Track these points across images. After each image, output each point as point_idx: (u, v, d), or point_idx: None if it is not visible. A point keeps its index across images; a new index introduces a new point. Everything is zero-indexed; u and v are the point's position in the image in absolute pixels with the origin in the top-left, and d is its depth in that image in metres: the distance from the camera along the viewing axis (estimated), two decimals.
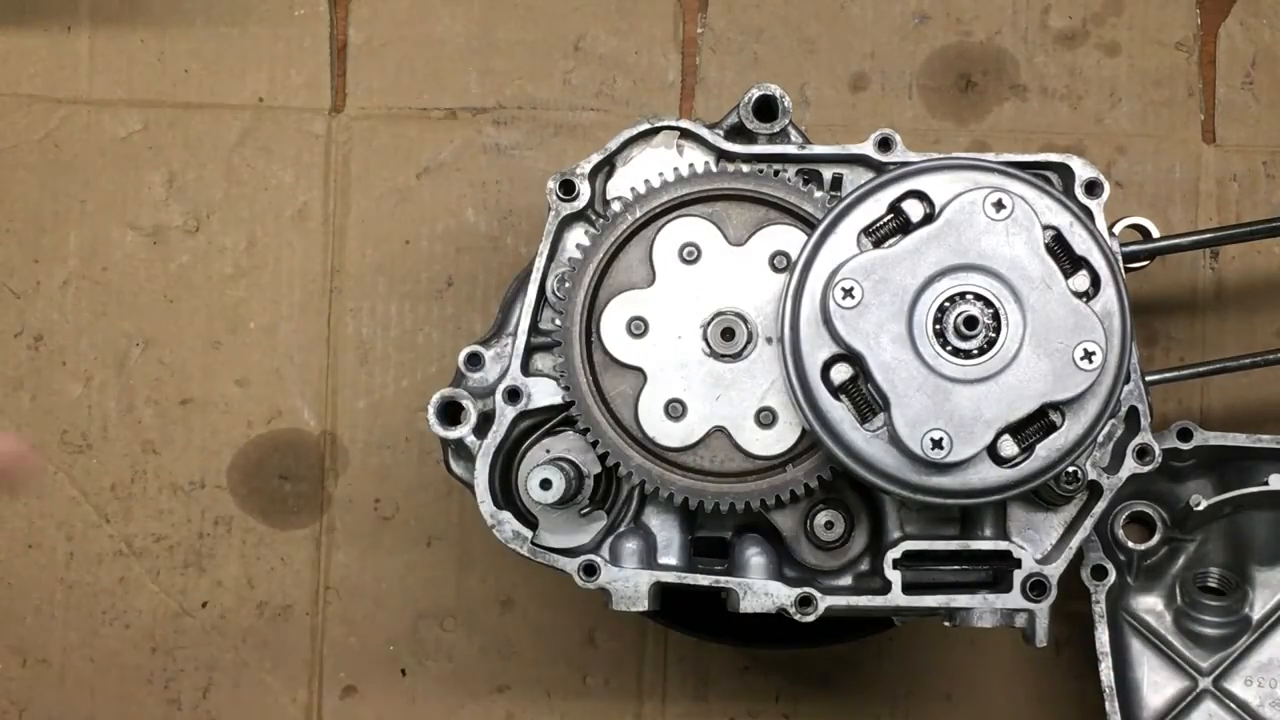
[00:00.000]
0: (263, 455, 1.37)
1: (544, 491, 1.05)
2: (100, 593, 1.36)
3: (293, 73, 1.38)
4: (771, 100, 1.09)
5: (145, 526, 1.37)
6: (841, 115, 1.38)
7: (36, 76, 1.38)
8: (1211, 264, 1.38)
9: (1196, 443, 1.21)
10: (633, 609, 1.08)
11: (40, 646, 1.36)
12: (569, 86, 1.39)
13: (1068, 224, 1.02)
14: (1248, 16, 1.39)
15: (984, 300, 1.00)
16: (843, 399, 1.02)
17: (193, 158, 1.38)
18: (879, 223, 1.03)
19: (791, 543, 1.10)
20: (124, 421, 1.37)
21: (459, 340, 1.35)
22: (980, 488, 1.01)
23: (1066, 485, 1.07)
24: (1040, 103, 1.39)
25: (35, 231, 1.37)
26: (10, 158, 1.37)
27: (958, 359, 1.00)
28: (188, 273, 1.37)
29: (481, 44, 1.39)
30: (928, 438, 0.99)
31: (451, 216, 1.38)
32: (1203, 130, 1.39)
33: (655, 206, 1.07)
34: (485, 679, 1.37)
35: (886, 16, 1.39)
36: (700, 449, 1.06)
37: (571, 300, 1.06)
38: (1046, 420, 1.02)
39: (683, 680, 1.37)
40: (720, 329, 1.06)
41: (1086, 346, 1.00)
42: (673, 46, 1.39)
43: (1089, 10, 1.39)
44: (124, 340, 1.37)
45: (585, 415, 1.06)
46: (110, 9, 1.38)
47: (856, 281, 1.00)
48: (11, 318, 1.37)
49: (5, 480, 1.20)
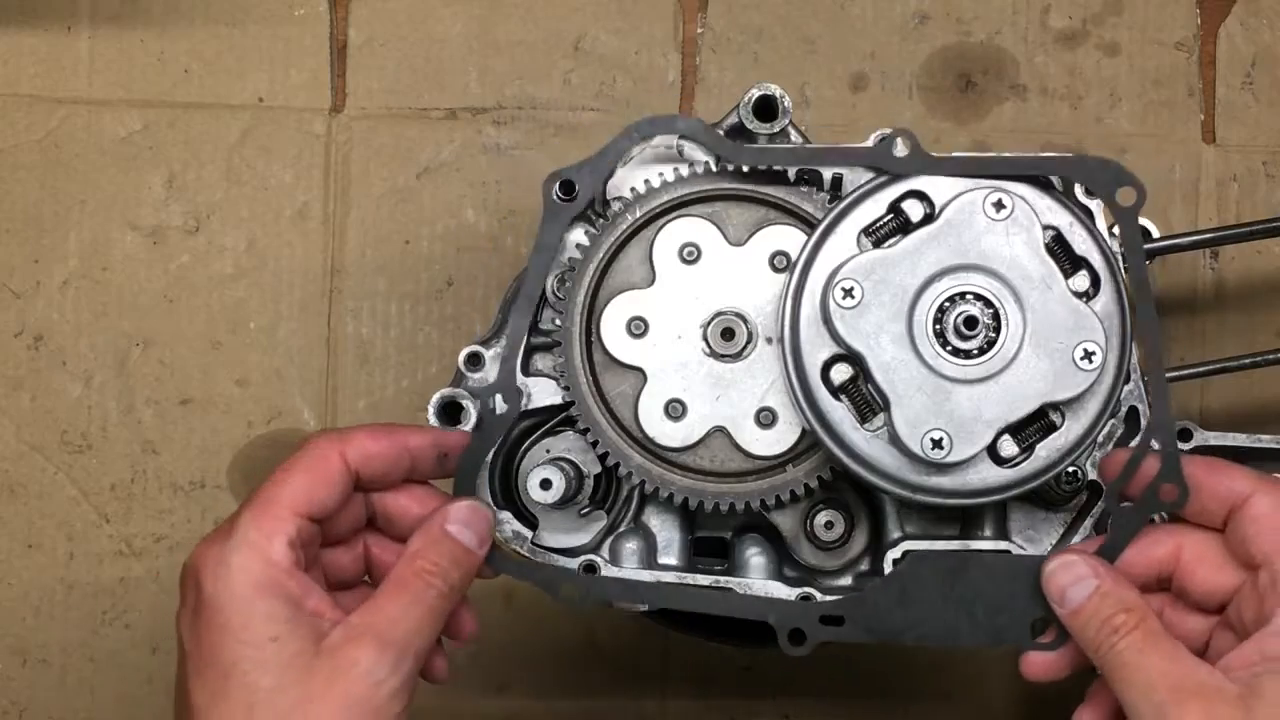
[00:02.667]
0: (263, 455, 1.37)
1: (544, 491, 1.05)
2: (100, 593, 1.36)
3: (293, 73, 1.38)
4: (771, 100, 1.09)
5: (145, 526, 1.37)
6: (841, 115, 1.38)
7: (36, 76, 1.38)
8: (1211, 264, 1.38)
9: (1196, 443, 1.21)
10: (633, 609, 1.08)
11: (40, 646, 1.36)
12: (569, 86, 1.39)
13: (1068, 224, 1.02)
14: (1248, 16, 1.39)
15: (984, 300, 1.00)
16: (843, 399, 1.02)
17: (193, 158, 1.38)
18: (879, 223, 1.03)
19: (791, 543, 1.10)
20: (124, 421, 1.37)
21: (459, 340, 1.36)
22: (980, 488, 1.01)
23: (1066, 485, 1.07)
24: (1040, 103, 1.39)
25: (35, 231, 1.37)
26: (10, 158, 1.37)
27: (958, 359, 1.00)
28: (188, 273, 1.37)
29: (481, 44, 1.39)
30: (928, 438, 0.99)
31: (451, 216, 1.38)
32: (1203, 130, 1.39)
33: (655, 206, 1.07)
34: (485, 679, 1.37)
35: (886, 16, 1.39)
36: (700, 449, 1.06)
37: (571, 300, 1.06)
38: (1046, 420, 1.02)
39: (683, 680, 1.38)
40: (720, 329, 1.06)
41: (1086, 346, 1.00)
42: (673, 46, 1.39)
43: (1089, 10, 1.39)
44: (124, 340, 1.37)
45: (585, 415, 1.06)
46: (110, 9, 1.38)
47: (856, 281, 1.00)
48: (11, 318, 1.37)
49: None
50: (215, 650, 0.91)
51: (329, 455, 0.97)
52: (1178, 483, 1.00)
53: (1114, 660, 0.95)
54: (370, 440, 1.00)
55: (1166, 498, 1.00)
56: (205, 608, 0.92)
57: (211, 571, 0.92)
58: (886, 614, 1.03)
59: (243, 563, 0.92)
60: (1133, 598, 0.97)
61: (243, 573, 0.92)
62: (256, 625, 0.91)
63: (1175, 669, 0.93)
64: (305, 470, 0.97)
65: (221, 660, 0.91)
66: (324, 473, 0.97)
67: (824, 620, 1.04)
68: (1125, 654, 0.94)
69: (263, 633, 0.91)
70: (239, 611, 0.91)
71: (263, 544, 0.93)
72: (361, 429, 1.01)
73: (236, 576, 0.92)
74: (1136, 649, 0.94)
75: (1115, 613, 0.96)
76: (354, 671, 0.92)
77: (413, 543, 0.99)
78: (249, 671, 0.91)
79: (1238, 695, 0.91)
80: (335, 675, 0.91)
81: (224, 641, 0.91)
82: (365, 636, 0.93)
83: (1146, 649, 0.94)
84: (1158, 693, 0.92)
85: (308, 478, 0.96)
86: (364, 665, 0.92)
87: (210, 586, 0.92)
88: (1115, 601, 0.97)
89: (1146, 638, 0.95)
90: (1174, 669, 0.93)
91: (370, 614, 0.95)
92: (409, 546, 0.99)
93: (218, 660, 0.91)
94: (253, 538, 0.93)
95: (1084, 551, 1.01)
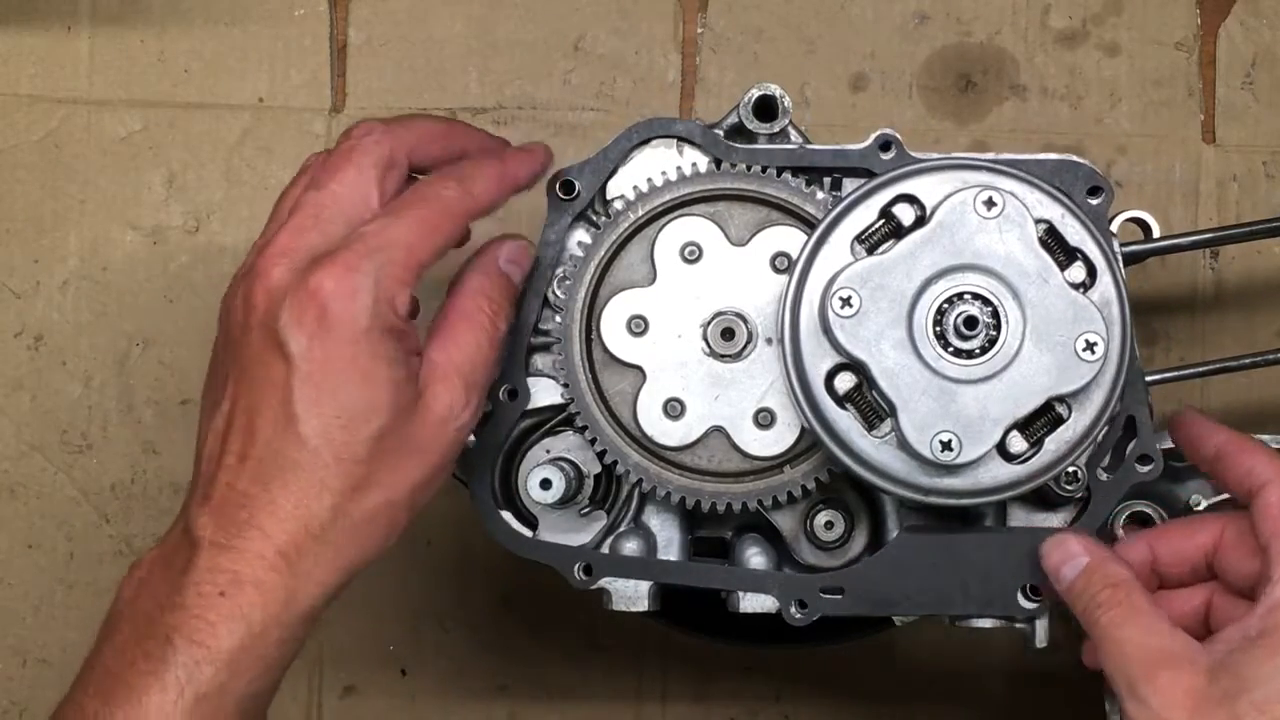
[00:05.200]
0: None
1: (544, 491, 1.05)
2: (100, 593, 1.36)
3: (293, 73, 1.38)
4: (771, 100, 1.09)
5: (145, 526, 1.37)
6: (842, 115, 1.38)
7: (36, 76, 1.38)
8: (1211, 264, 1.38)
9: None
10: (632, 609, 1.08)
11: (40, 646, 1.36)
12: (569, 86, 1.39)
13: (1059, 216, 1.02)
14: (1248, 16, 1.39)
15: (982, 299, 1.00)
16: (849, 408, 1.02)
17: (193, 158, 1.38)
18: (871, 229, 1.03)
19: (791, 543, 1.10)
20: (124, 421, 1.37)
21: None
22: (992, 486, 1.01)
23: (1067, 485, 1.07)
24: (1040, 103, 1.39)
25: (35, 231, 1.37)
26: (10, 158, 1.37)
27: (960, 359, 1.00)
28: (188, 273, 1.37)
29: (481, 44, 1.39)
30: (936, 440, 0.99)
31: None
32: (1203, 130, 1.39)
33: (658, 205, 1.07)
34: (485, 679, 1.37)
35: (886, 16, 1.39)
36: (698, 448, 1.06)
37: (572, 298, 1.06)
38: (1053, 414, 1.02)
39: (683, 680, 1.38)
40: (720, 329, 1.06)
41: (1088, 337, 1.00)
42: (673, 46, 1.39)
43: (1089, 10, 1.39)
44: (124, 340, 1.37)
45: (584, 413, 1.06)
46: (110, 9, 1.38)
47: (854, 290, 1.00)
48: (11, 318, 1.37)
49: None
50: (335, 371, 0.91)
51: (461, 213, 0.98)
52: (1151, 452, 1.06)
53: (1097, 633, 0.98)
54: (496, 189, 1.02)
55: (1143, 465, 1.06)
56: (330, 332, 0.91)
57: (344, 300, 0.91)
58: (882, 585, 1.06)
59: (376, 305, 0.92)
60: (1119, 573, 1.00)
61: (376, 315, 0.92)
62: (383, 369, 0.92)
63: (1150, 641, 0.95)
64: (438, 228, 0.97)
65: (338, 386, 0.91)
66: (454, 233, 0.98)
67: (824, 591, 1.06)
68: (1107, 628, 0.97)
69: (389, 375, 0.92)
70: (367, 353, 0.91)
71: (396, 290, 0.93)
72: (488, 175, 1.02)
73: (370, 315, 0.92)
74: (1116, 623, 0.97)
75: (1101, 588, 0.99)
76: (439, 409, 0.94)
77: (472, 279, 1.01)
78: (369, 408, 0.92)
79: (1207, 667, 0.93)
80: (426, 414, 0.94)
81: (348, 372, 0.91)
82: (451, 377, 0.95)
83: (1125, 623, 0.96)
84: (1131, 664, 0.94)
85: (439, 236, 0.97)
86: (445, 401, 0.95)
87: (341, 312, 0.91)
88: (1101, 578, 0.99)
89: (1128, 612, 0.97)
90: (1148, 641, 0.95)
91: (446, 351, 0.97)
92: (468, 282, 1.01)
93: (334, 382, 0.91)
94: (387, 283, 0.93)
95: (1079, 531, 1.05)
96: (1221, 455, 1.03)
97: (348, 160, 0.98)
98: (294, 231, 0.95)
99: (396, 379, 0.92)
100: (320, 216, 0.96)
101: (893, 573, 1.06)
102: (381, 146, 0.98)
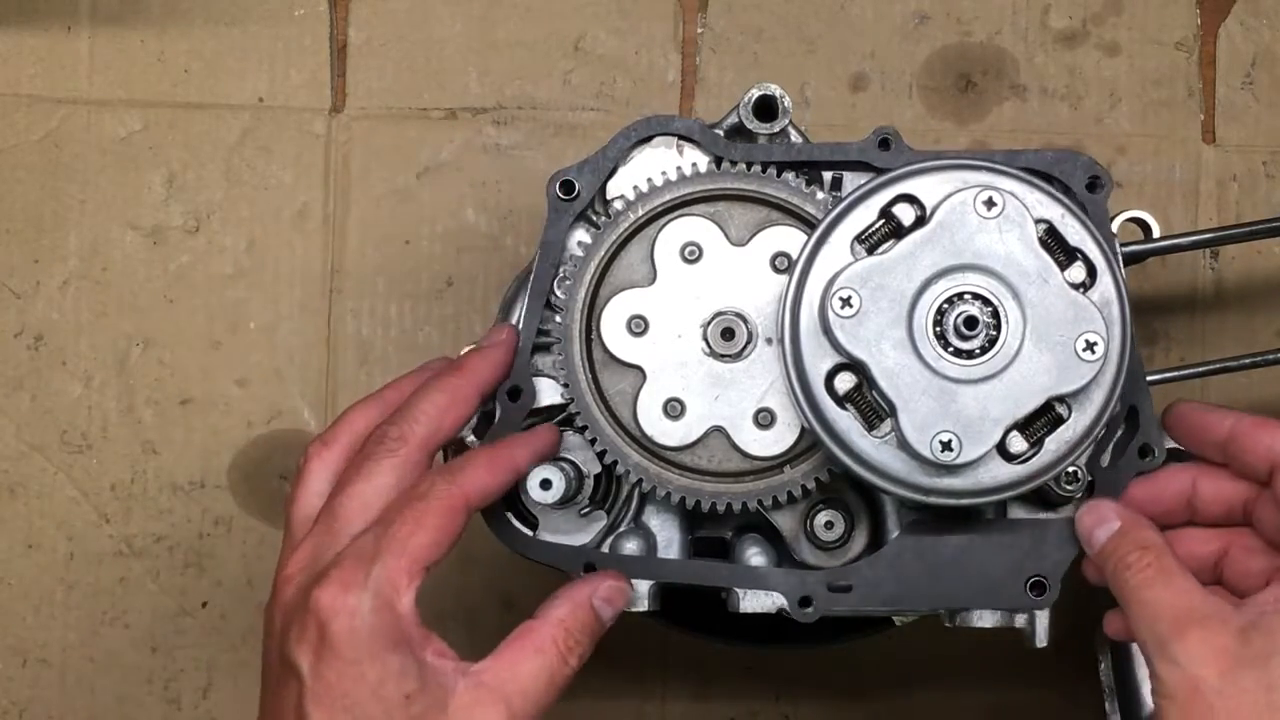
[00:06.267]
0: (263, 455, 1.37)
1: (544, 491, 1.05)
2: (100, 593, 1.36)
3: (293, 73, 1.38)
4: (771, 100, 1.09)
5: (145, 526, 1.37)
6: (842, 115, 1.38)
7: (36, 76, 1.38)
8: (1211, 264, 1.38)
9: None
10: (632, 609, 1.08)
11: (40, 646, 1.36)
12: (569, 86, 1.39)
13: (1059, 216, 1.02)
14: (1248, 16, 1.39)
15: (982, 299, 1.00)
16: (849, 408, 1.02)
17: (193, 158, 1.38)
18: (871, 229, 1.03)
19: (791, 543, 1.10)
20: (124, 421, 1.37)
21: (459, 340, 1.36)
22: (992, 486, 1.01)
23: (1067, 485, 1.07)
24: (1040, 103, 1.39)
25: (35, 231, 1.37)
26: (10, 158, 1.37)
27: (960, 359, 1.00)
28: (188, 273, 1.37)
29: (481, 44, 1.39)
30: (936, 440, 0.99)
31: (451, 217, 1.38)
32: (1203, 130, 1.39)
33: (658, 205, 1.07)
34: None
35: (886, 16, 1.39)
36: (698, 448, 1.06)
37: (572, 298, 1.06)
38: (1053, 414, 1.02)
39: (683, 680, 1.37)
40: (720, 329, 1.06)
41: (1088, 337, 1.00)
42: (673, 46, 1.39)
43: (1089, 10, 1.39)
44: (124, 340, 1.37)
45: (584, 413, 1.06)
46: (110, 9, 1.38)
47: (854, 290, 1.00)
48: (11, 318, 1.37)
49: None
50: (343, 691, 0.91)
51: (456, 506, 0.97)
52: (1153, 442, 1.06)
53: (1127, 595, 0.99)
54: (489, 476, 1.00)
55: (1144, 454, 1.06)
56: (332, 650, 0.91)
57: (343, 618, 0.91)
58: (888, 582, 1.06)
59: (376, 616, 0.92)
60: (1150, 537, 1.00)
61: (376, 628, 0.91)
62: (391, 683, 0.91)
63: (1181, 600, 0.96)
64: (435, 525, 0.95)
65: (350, 705, 0.91)
66: (452, 527, 0.96)
67: (831, 589, 1.06)
68: (1137, 589, 0.98)
69: (397, 689, 0.91)
70: (373, 668, 0.91)
71: (395, 598, 0.93)
72: (478, 464, 1.00)
73: (370, 630, 0.91)
74: (1147, 583, 0.97)
75: (1130, 550, 0.99)
76: None
77: (558, 608, 0.99)
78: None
79: (1239, 627, 0.93)
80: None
81: (356, 690, 0.91)
82: (496, 701, 0.94)
83: (1156, 584, 0.97)
84: (1161, 623, 0.95)
85: (438, 533, 0.95)
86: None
87: (340, 630, 0.91)
88: (1132, 540, 1.00)
89: (1158, 573, 0.98)
90: (1179, 600, 0.96)
91: (500, 672, 0.95)
92: (554, 609, 0.99)
93: (345, 702, 0.91)
94: (386, 592, 0.92)
95: (1112, 499, 1.05)
96: (1236, 436, 1.03)
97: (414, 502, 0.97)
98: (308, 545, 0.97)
99: (408, 691, 0.91)
100: (332, 528, 0.97)
101: (894, 571, 1.06)
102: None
